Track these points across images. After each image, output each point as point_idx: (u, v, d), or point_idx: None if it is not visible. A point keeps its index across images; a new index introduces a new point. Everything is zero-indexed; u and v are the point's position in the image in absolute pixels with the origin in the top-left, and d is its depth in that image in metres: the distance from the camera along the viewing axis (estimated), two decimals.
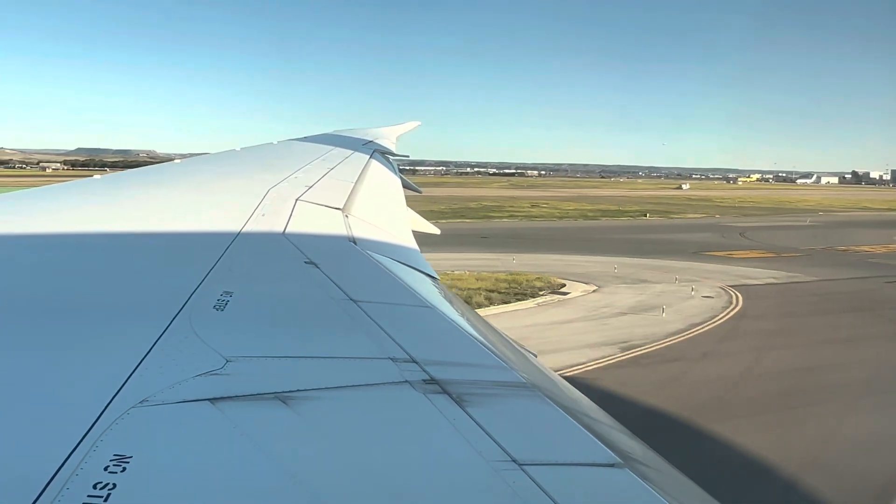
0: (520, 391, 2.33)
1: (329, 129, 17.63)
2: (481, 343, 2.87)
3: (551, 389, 2.46)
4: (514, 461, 1.67)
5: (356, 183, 7.85)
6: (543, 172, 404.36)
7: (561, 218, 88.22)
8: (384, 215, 6.81)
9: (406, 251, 5.32)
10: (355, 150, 12.26)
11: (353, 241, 4.67)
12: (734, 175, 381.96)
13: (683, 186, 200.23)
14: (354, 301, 3.01)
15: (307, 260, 3.72)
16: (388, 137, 17.08)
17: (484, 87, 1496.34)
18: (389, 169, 11.66)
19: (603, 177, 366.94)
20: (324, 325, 2.76)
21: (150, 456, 1.51)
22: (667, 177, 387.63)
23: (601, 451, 1.88)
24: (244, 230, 4.31)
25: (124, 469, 1.43)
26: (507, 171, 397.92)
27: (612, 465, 1.81)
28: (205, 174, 7.76)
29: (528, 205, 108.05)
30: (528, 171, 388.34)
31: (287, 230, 4.53)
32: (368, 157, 11.40)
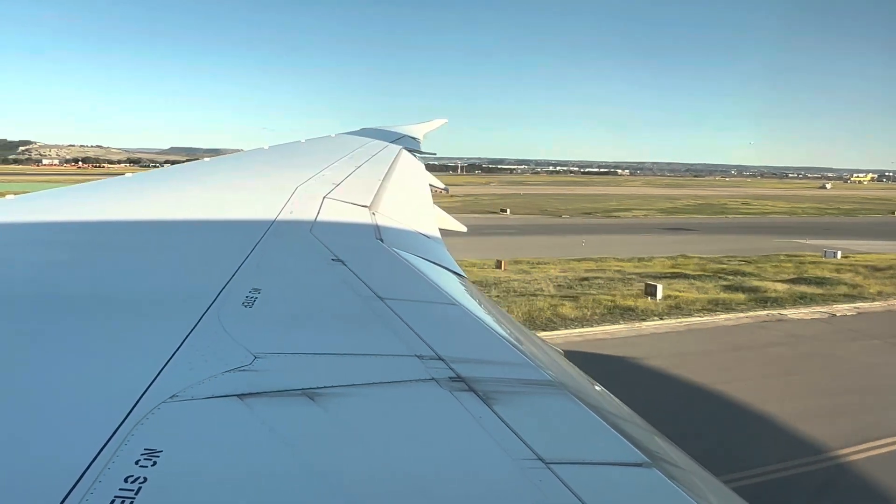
0: (547, 389, 2.33)
1: (361, 126, 17.56)
2: (508, 341, 2.88)
3: (578, 388, 2.46)
4: (541, 460, 1.67)
5: (383, 180, 7.85)
6: (628, 171, 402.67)
7: (821, 214, 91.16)
8: (411, 213, 6.80)
9: (433, 249, 5.32)
10: (382, 147, 12.18)
11: (380, 238, 4.70)
12: (832, 174, 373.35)
13: (826, 186, 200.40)
14: (381, 298, 3.04)
15: (334, 257, 3.76)
16: (415, 135, 16.86)
17: (564, 87, 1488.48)
18: (416, 166, 11.57)
19: (695, 176, 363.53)
20: (350, 322, 2.79)
21: (180, 450, 1.54)
22: (763, 175, 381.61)
23: (629, 451, 1.87)
24: (272, 227, 4.37)
25: (155, 463, 1.46)
26: (589, 169, 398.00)
27: (639, 465, 1.80)
28: (234, 172, 7.79)
29: (740, 203, 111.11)
30: (619, 171, 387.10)
31: (314, 228, 4.57)
32: (396, 154, 11.34)
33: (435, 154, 17.35)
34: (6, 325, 2.35)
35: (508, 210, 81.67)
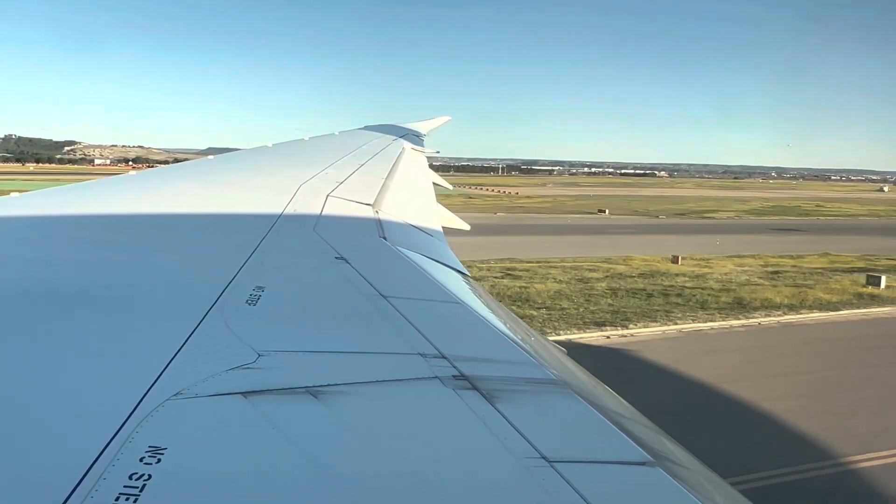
0: (550, 388, 2.34)
1: (363, 124, 17.48)
2: (511, 339, 2.90)
3: (582, 386, 2.47)
4: (545, 458, 1.68)
5: (386, 178, 7.90)
6: (664, 172, 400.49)
7: None
8: (414, 211, 6.80)
9: (436, 247, 5.34)
10: (386, 145, 12.27)
11: (384, 236, 4.71)
12: (877, 177, 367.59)
13: (884, 189, 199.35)
14: (384, 296, 3.05)
15: (337, 255, 3.78)
16: (419, 132, 17.01)
17: (593, 88, 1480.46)
18: (420, 164, 11.63)
19: (735, 178, 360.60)
20: (354, 320, 2.80)
21: (184, 448, 1.55)
22: (804, 178, 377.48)
23: (632, 450, 1.88)
24: (276, 226, 4.38)
25: (159, 460, 1.46)
26: (626, 171, 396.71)
27: (643, 464, 1.81)
28: (237, 170, 7.80)
29: (813, 205, 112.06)
30: (658, 173, 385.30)
31: (318, 226, 4.59)
32: (399, 152, 11.39)
33: (438, 152, 17.13)
34: (10, 322, 2.36)
35: (607, 211, 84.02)
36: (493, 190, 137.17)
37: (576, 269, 34.11)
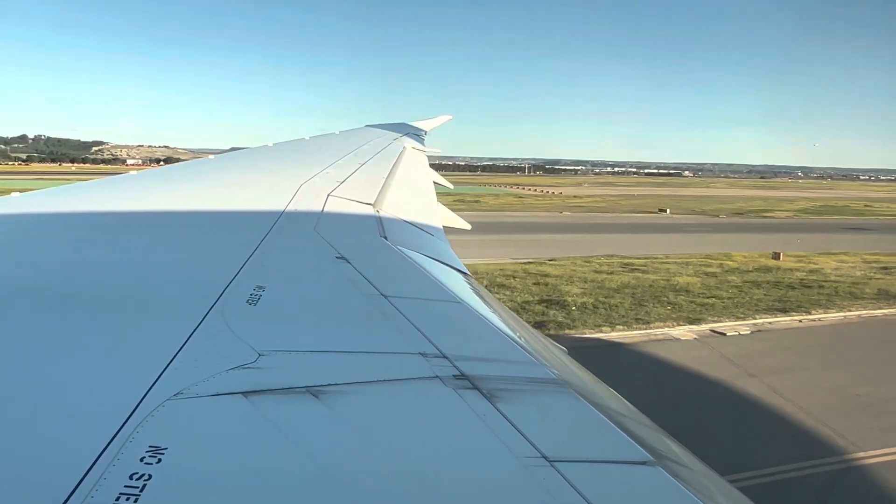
0: (551, 387, 2.34)
1: (367, 122, 17.34)
2: (512, 339, 2.90)
3: (582, 386, 2.48)
4: (545, 458, 1.68)
5: (387, 178, 7.89)
6: (689, 172, 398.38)
7: None
8: (415, 210, 6.80)
9: (437, 247, 5.35)
10: (387, 144, 12.23)
11: (384, 236, 4.74)
12: None
13: None
14: (385, 296, 3.05)
15: (338, 255, 3.79)
16: (420, 131, 16.98)
17: (613, 87, 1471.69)
18: (421, 164, 11.64)
19: (762, 177, 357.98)
20: (354, 319, 2.80)
21: (185, 448, 1.55)
22: (831, 177, 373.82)
23: (633, 449, 1.88)
24: (276, 225, 4.39)
25: (160, 460, 1.46)
26: (648, 170, 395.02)
27: (644, 463, 1.81)
28: (237, 170, 7.78)
29: (862, 205, 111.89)
30: (684, 172, 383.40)
31: (318, 225, 4.61)
32: (400, 151, 11.36)
33: (439, 152, 16.78)
34: (10, 322, 2.36)
35: (668, 210, 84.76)
36: (533, 189, 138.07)
37: (688, 264, 34.77)
